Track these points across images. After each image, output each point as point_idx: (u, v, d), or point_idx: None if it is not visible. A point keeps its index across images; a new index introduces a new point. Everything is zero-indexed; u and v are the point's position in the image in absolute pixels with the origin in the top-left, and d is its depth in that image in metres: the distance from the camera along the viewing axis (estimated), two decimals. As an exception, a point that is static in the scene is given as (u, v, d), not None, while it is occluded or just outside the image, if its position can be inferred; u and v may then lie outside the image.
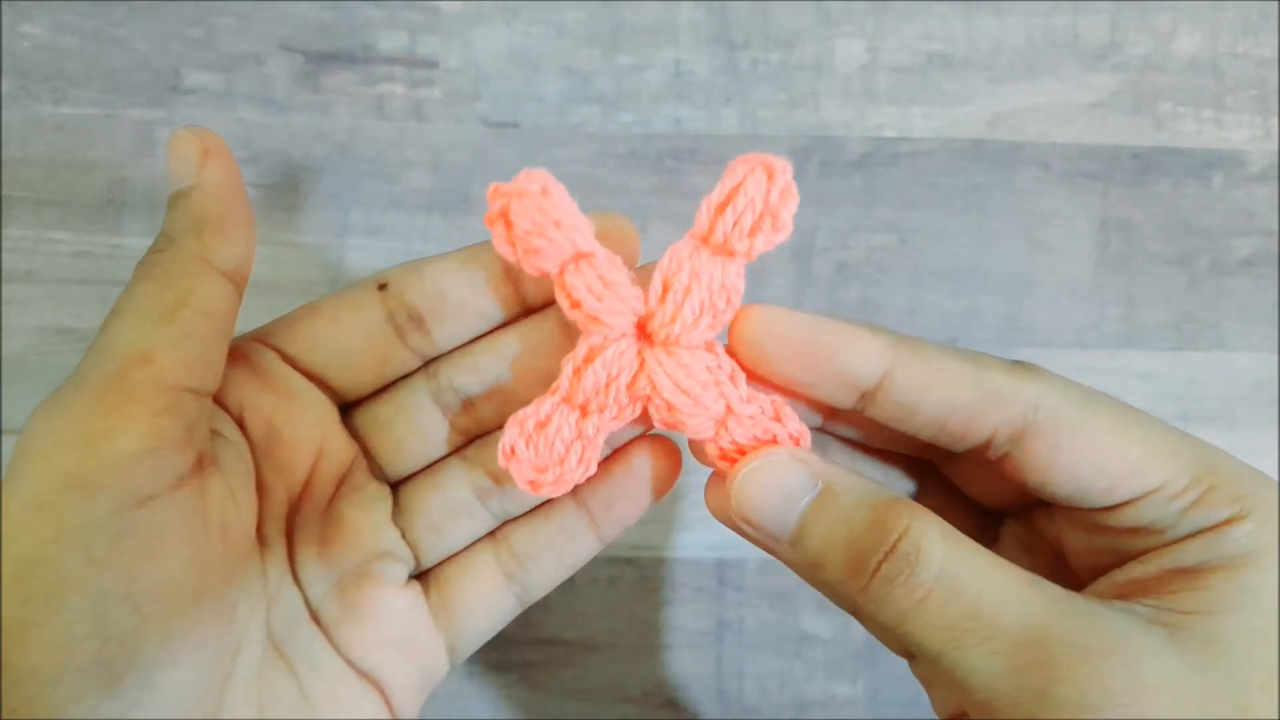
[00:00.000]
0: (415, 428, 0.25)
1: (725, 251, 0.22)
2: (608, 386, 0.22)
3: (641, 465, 0.25)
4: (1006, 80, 0.38)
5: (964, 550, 0.20)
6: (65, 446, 0.19)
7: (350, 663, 0.24)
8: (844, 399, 0.22)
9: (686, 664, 0.37)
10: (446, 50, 0.38)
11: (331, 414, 0.25)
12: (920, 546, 0.20)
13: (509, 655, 0.36)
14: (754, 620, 0.37)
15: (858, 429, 0.25)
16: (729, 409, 0.22)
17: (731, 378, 0.22)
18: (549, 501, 0.26)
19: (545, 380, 0.24)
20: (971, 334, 0.38)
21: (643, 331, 0.23)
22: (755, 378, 0.23)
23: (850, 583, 0.20)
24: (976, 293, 0.38)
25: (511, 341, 0.25)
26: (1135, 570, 0.21)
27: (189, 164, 0.23)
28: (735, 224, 0.21)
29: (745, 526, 0.22)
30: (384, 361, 0.25)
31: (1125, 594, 0.20)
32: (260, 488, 0.24)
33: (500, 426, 0.25)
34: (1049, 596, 0.19)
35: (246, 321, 0.36)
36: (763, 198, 0.21)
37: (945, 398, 0.21)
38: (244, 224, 0.23)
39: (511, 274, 0.24)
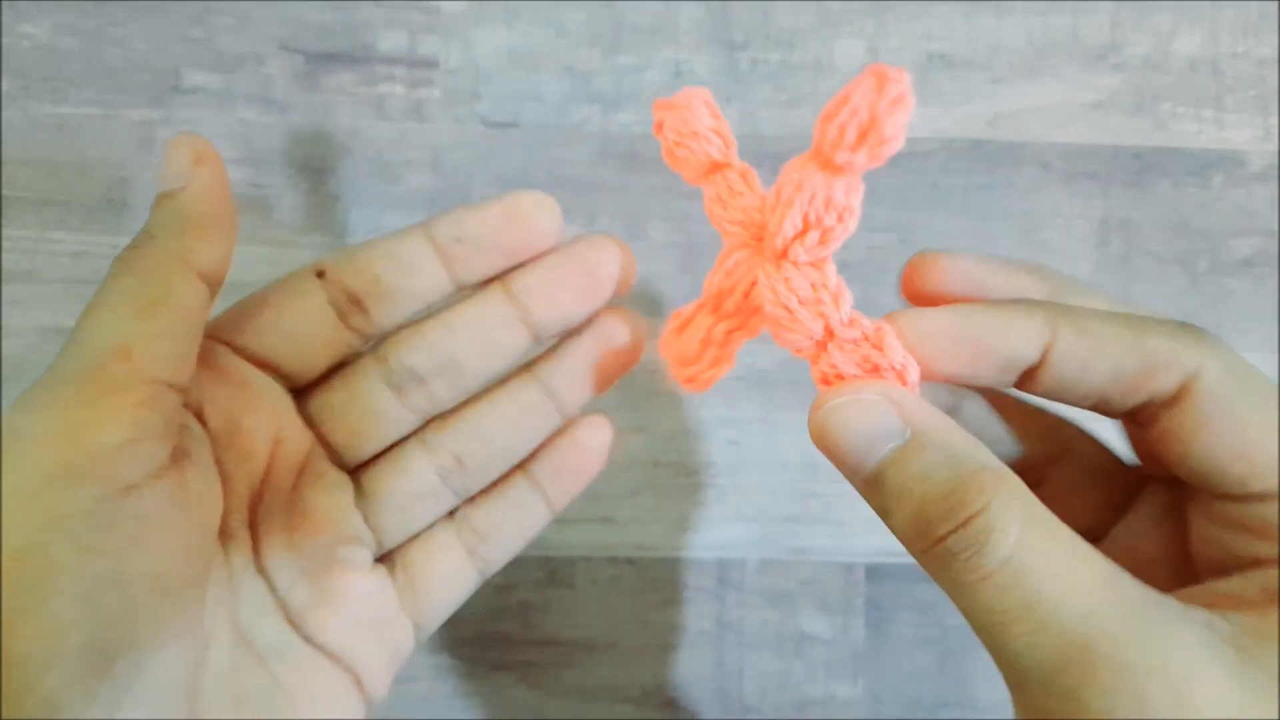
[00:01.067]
0: (370, 412, 0.26)
1: (833, 167, 0.21)
2: (729, 294, 0.23)
3: (584, 437, 0.27)
4: (1006, 80, 0.38)
5: (1041, 538, 0.19)
6: (50, 437, 0.20)
7: (321, 648, 0.24)
8: (1006, 380, 0.22)
9: (686, 664, 0.37)
10: (446, 50, 0.38)
11: (286, 402, 0.26)
12: (994, 529, 0.18)
13: (509, 655, 0.36)
14: (754, 620, 0.37)
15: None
16: (829, 331, 0.22)
17: (835, 299, 0.22)
18: (503, 477, 0.27)
19: (495, 354, 0.25)
20: (971, 334, 0.38)
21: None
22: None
23: (914, 541, 0.20)
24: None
25: (458, 318, 0.26)
26: (1237, 584, 0.20)
27: (181, 167, 0.24)
28: (840, 135, 0.20)
29: (823, 450, 0.21)
30: (331, 345, 0.26)
31: (1220, 604, 0.19)
32: (223, 479, 0.24)
33: (455, 404, 0.26)
34: (1118, 600, 0.18)
35: (246, 321, 0.36)
36: (868, 107, 0.19)
37: (1108, 367, 0.20)
38: (226, 229, 0.24)
39: (443, 255, 0.25)
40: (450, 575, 0.27)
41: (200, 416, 0.24)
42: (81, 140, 0.37)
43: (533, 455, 0.27)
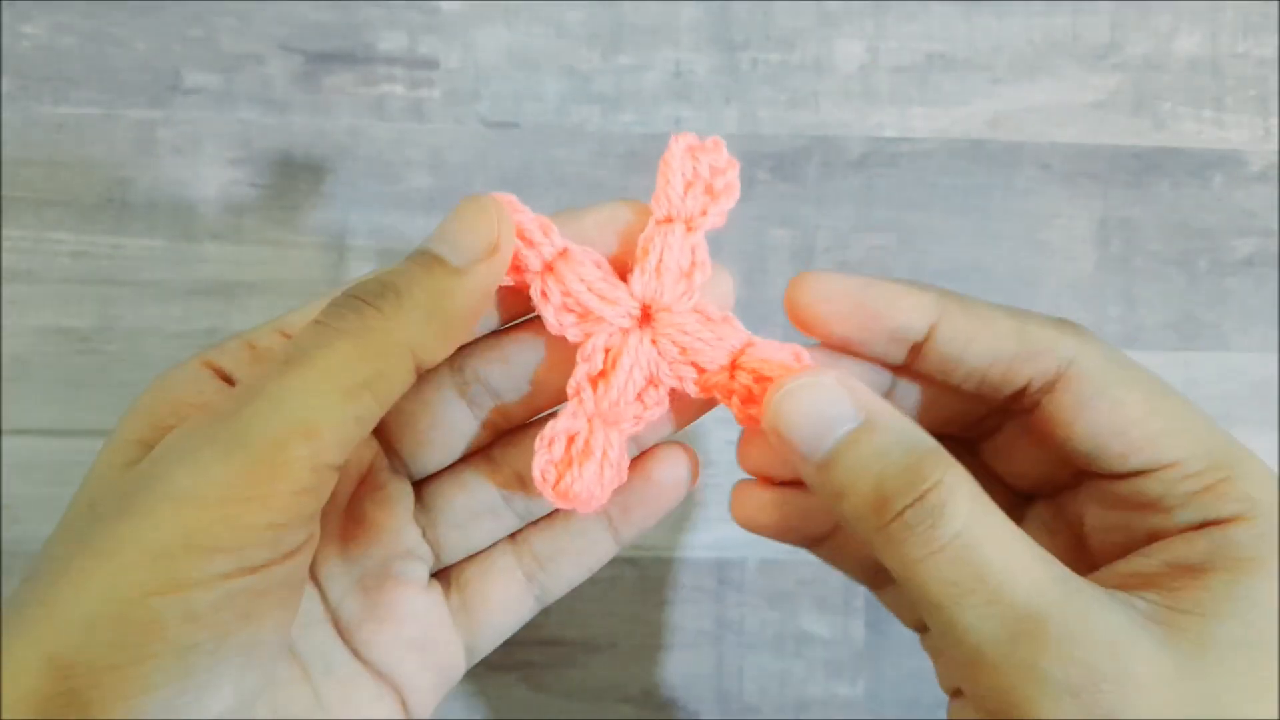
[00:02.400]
0: (439, 423, 0.25)
1: (681, 223, 0.23)
2: (626, 386, 0.23)
3: (659, 473, 0.25)
4: (1006, 80, 0.38)
5: (988, 515, 0.20)
6: (204, 506, 0.19)
7: (368, 663, 0.24)
8: (894, 354, 0.23)
9: (686, 664, 0.37)
10: (446, 50, 0.38)
11: None
12: (948, 501, 0.19)
13: (509, 655, 0.36)
14: (754, 620, 0.37)
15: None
16: (744, 340, 0.23)
17: (726, 320, 0.23)
18: None
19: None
20: (971, 334, 0.38)
21: (645, 318, 0.24)
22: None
23: (870, 519, 0.20)
24: (976, 293, 0.37)
25: (541, 333, 0.25)
26: (1139, 562, 0.21)
27: (473, 243, 0.21)
28: (681, 200, 0.23)
29: (776, 441, 0.22)
30: None
31: (1129, 585, 0.20)
32: None
33: (529, 421, 0.25)
34: (1057, 577, 0.19)
35: (246, 322, 0.36)
36: (695, 171, 0.23)
37: (988, 348, 0.22)
38: (465, 335, 0.22)
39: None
40: (507, 599, 0.25)
41: None
42: (81, 140, 0.37)
43: None
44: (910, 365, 0.24)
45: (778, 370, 0.22)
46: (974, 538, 0.19)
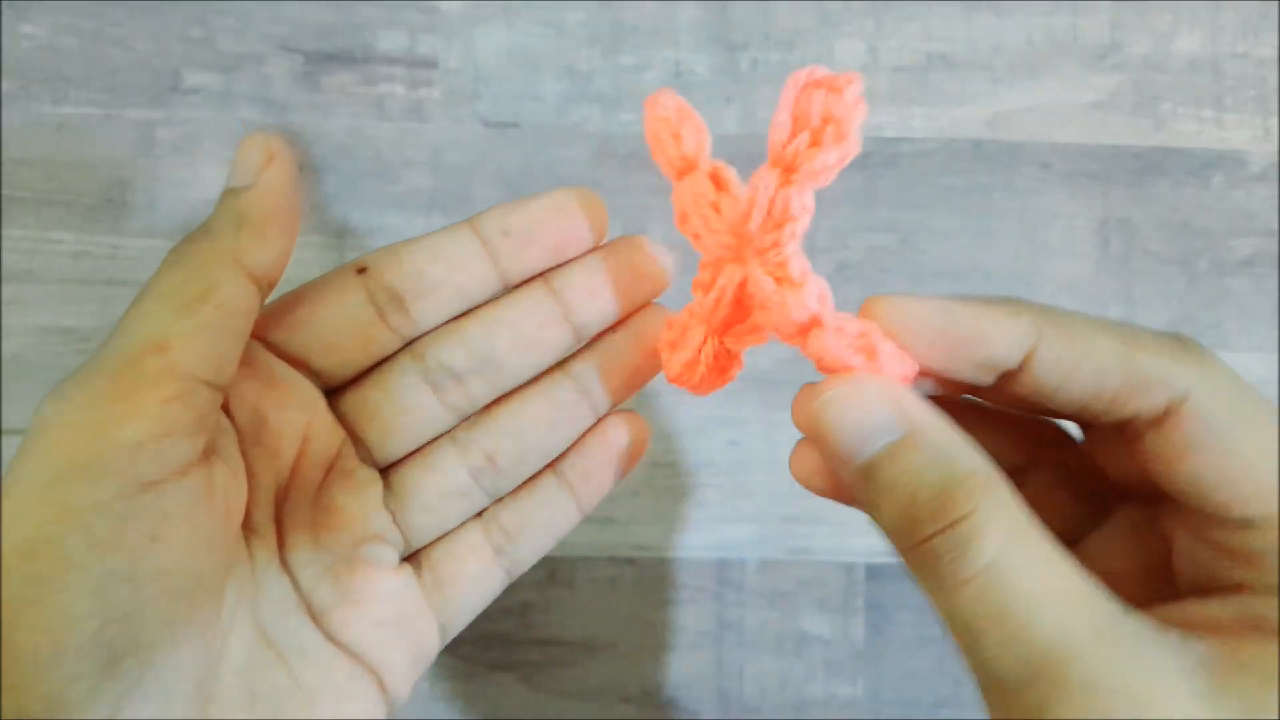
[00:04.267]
0: (404, 409, 0.25)
1: (792, 171, 0.22)
2: (720, 301, 0.23)
3: (616, 436, 0.26)
4: (1006, 80, 0.38)
5: (1023, 549, 0.19)
6: (74, 429, 0.20)
7: (343, 647, 0.24)
8: (984, 379, 0.21)
9: (686, 664, 0.37)
10: (446, 50, 0.38)
11: (317, 399, 0.25)
12: (979, 534, 0.18)
13: (509, 655, 0.36)
14: (754, 620, 0.37)
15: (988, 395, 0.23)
16: (819, 317, 0.22)
17: (820, 297, 0.22)
18: (532, 477, 0.27)
19: (536, 351, 0.25)
20: (971, 334, 0.38)
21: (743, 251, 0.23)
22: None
23: (900, 539, 0.19)
24: (976, 293, 0.38)
25: (501, 315, 0.26)
26: (1215, 607, 0.20)
27: (250, 166, 0.23)
28: (796, 141, 0.22)
29: (816, 442, 0.21)
30: (368, 343, 0.25)
31: (1194, 626, 0.19)
32: (248, 475, 0.24)
33: (492, 401, 0.26)
34: (1093, 616, 0.18)
35: (246, 321, 0.36)
36: (819, 110, 0.21)
37: (1091, 380, 0.20)
38: (286, 231, 0.24)
39: (490, 250, 0.25)
40: (477, 575, 0.26)
41: (227, 410, 0.24)
42: (81, 140, 0.37)
43: (563, 454, 0.27)
44: (1002, 388, 0.21)
45: (834, 365, 0.21)
46: (1002, 571, 0.18)
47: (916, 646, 0.36)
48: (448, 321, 0.26)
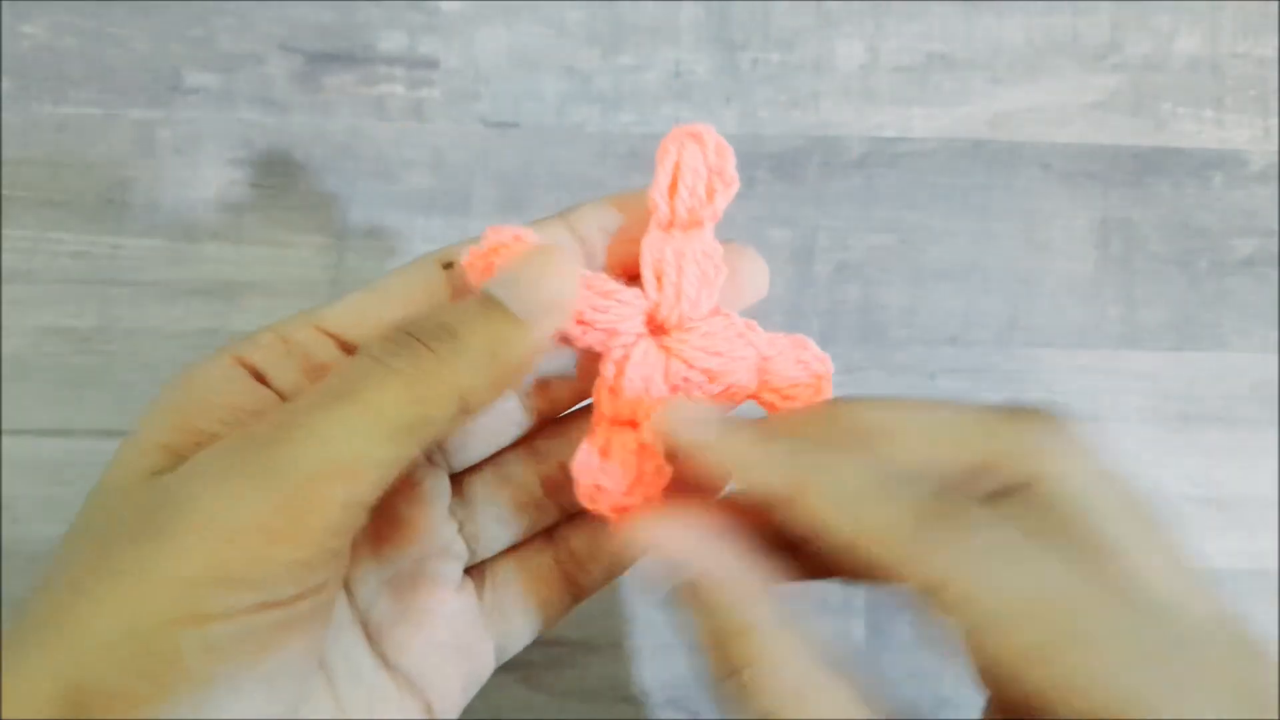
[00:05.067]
0: (488, 412, 0.23)
1: (694, 225, 0.22)
2: (647, 390, 0.22)
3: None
4: (1006, 80, 0.38)
5: (799, 702, 0.20)
6: (232, 539, 0.18)
7: (395, 668, 0.23)
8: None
9: (686, 664, 0.37)
10: (446, 50, 0.38)
11: None
12: (756, 687, 0.19)
13: (509, 655, 0.36)
14: (754, 620, 0.37)
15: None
16: (761, 355, 0.23)
17: (749, 327, 0.23)
18: None
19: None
20: (971, 334, 0.38)
21: (653, 327, 0.23)
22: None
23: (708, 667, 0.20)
24: (976, 293, 0.38)
25: None
26: None
27: (543, 295, 0.20)
28: (692, 196, 0.22)
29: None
30: None
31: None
32: None
33: (575, 407, 0.25)
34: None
35: (245, 322, 0.36)
36: (703, 163, 0.22)
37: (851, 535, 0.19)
38: (517, 384, 0.21)
39: (585, 246, 0.23)
40: (543, 599, 0.24)
41: None
42: (81, 140, 0.37)
43: None
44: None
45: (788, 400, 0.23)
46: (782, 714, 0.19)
47: (916, 647, 0.36)
48: None
